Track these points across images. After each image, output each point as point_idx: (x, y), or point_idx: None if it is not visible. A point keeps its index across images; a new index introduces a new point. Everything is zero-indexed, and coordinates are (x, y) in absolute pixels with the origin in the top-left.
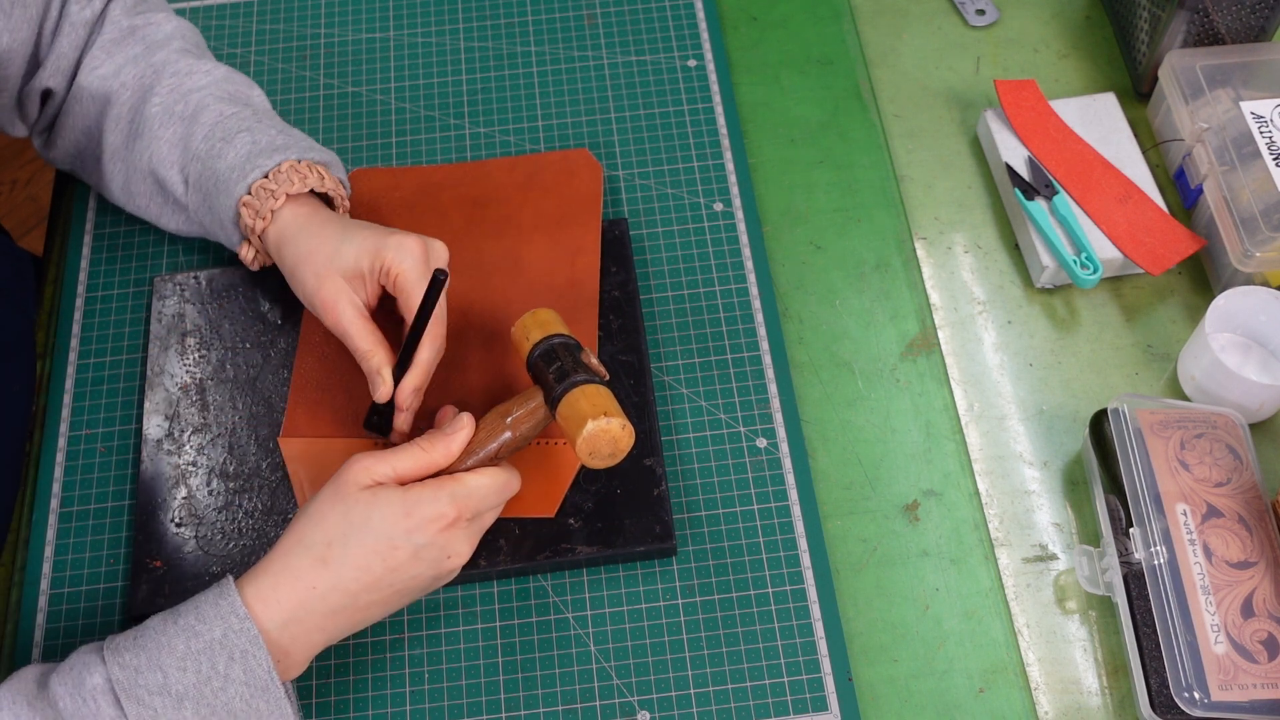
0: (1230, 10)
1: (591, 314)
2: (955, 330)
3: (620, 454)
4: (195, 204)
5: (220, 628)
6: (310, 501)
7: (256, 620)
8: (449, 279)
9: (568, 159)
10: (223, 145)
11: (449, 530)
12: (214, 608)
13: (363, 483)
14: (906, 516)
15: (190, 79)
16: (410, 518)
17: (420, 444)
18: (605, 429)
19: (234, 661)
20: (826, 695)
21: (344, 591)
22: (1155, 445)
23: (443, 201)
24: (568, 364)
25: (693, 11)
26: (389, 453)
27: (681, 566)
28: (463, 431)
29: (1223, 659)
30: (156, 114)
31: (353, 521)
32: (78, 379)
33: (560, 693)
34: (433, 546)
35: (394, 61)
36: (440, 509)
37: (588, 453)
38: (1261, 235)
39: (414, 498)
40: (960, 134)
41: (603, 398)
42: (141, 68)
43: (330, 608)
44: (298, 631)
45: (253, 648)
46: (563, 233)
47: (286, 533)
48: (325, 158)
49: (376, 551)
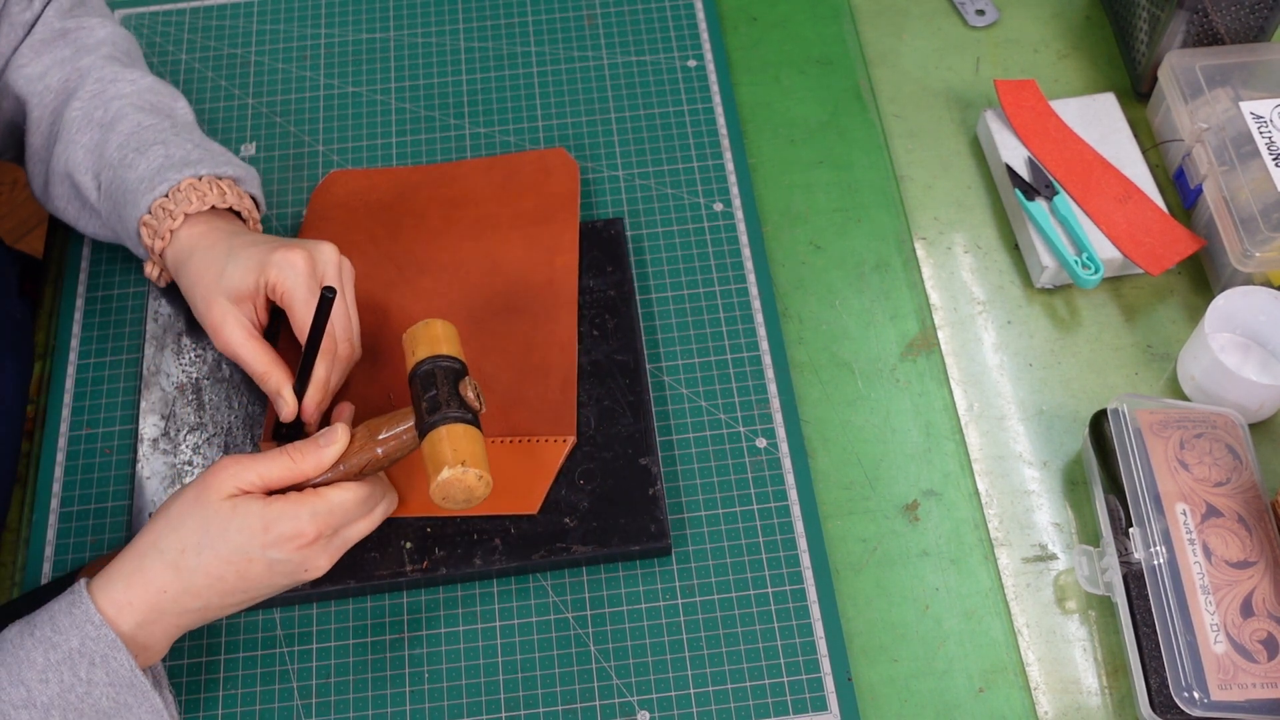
0: (1230, 10)
1: (570, 312)
2: (955, 330)
3: (475, 501)
4: (107, 212)
5: (77, 637)
6: (171, 503)
7: (112, 624)
8: (432, 279)
9: (544, 158)
10: (135, 156)
11: (307, 548)
12: (69, 617)
13: (227, 491)
14: (906, 516)
15: (113, 86)
16: (268, 533)
17: (291, 454)
18: (460, 479)
19: (95, 666)
20: (826, 695)
21: (196, 595)
22: (1155, 445)
23: (420, 202)
24: (442, 394)
25: (693, 11)
26: (259, 459)
27: (681, 566)
28: (334, 446)
29: (1222, 659)
30: (75, 118)
31: (210, 531)
32: (78, 379)
33: (560, 693)
34: (289, 562)
35: (394, 61)
36: (299, 526)
37: (440, 496)
38: (1261, 235)
39: (274, 513)
40: (960, 134)
41: (466, 441)
42: (67, 70)
43: (183, 609)
44: (154, 630)
45: (112, 651)
46: (540, 231)
47: (142, 533)
48: (239, 173)
49: (230, 563)
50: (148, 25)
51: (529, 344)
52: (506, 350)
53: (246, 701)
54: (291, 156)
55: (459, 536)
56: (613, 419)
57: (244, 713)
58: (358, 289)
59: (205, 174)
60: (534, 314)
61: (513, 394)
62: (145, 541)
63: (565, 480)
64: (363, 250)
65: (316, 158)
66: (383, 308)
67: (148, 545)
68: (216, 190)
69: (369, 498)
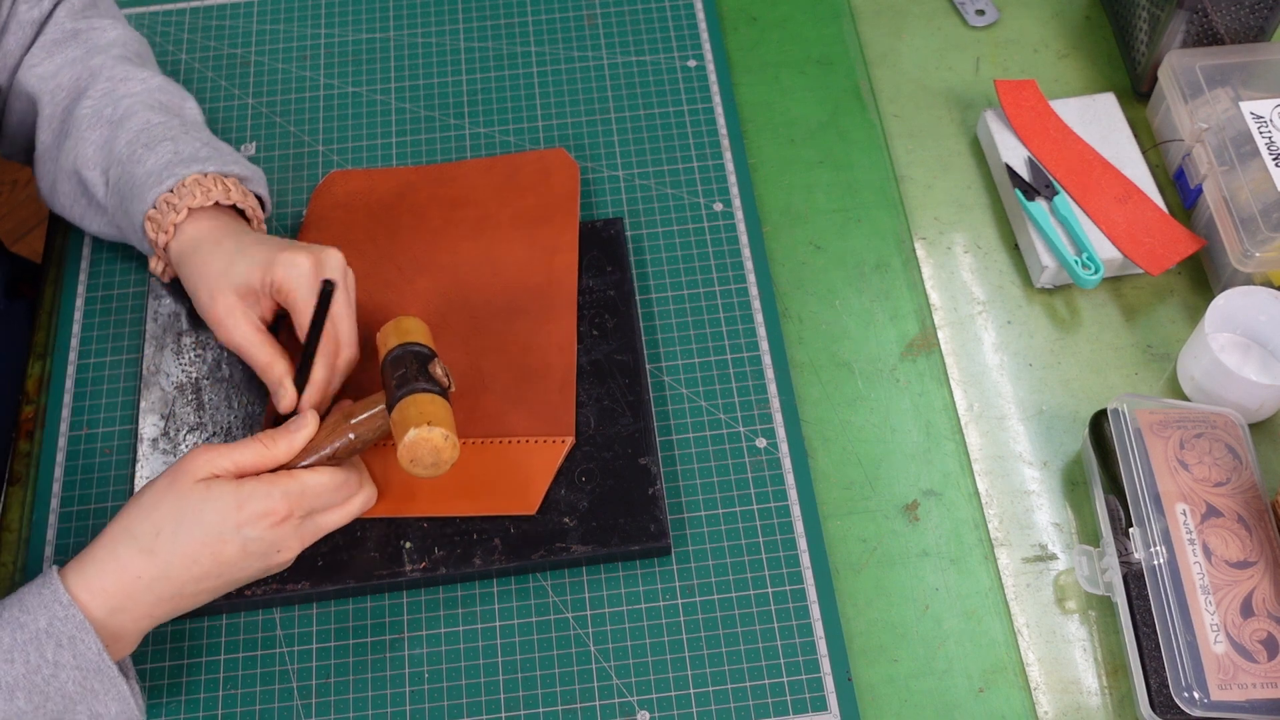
0: (1229, 10)
1: (569, 313)
2: (955, 330)
3: (443, 465)
4: (114, 207)
5: (45, 617)
6: (144, 490)
7: (83, 608)
8: (431, 279)
9: (544, 158)
10: (144, 151)
11: (279, 526)
12: (37, 597)
13: (200, 474)
14: (906, 516)
15: (124, 85)
16: (241, 510)
17: (262, 439)
18: (426, 437)
19: (62, 648)
20: (826, 695)
21: (170, 581)
22: (1155, 445)
23: (419, 202)
24: (411, 371)
25: (693, 12)
26: (231, 446)
27: (681, 566)
28: (305, 430)
29: (1222, 659)
30: (86, 115)
31: (184, 513)
32: (78, 379)
33: (560, 693)
34: (262, 541)
35: (394, 61)
36: (272, 504)
37: (409, 459)
38: (1261, 235)
39: (247, 491)
40: (960, 134)
41: (433, 407)
42: (78, 70)
43: (157, 596)
44: (125, 618)
45: (80, 633)
46: (540, 232)
47: (117, 518)
48: (246, 172)
49: (205, 544)
50: (148, 25)
51: (528, 344)
52: (505, 350)
53: (246, 701)
54: (291, 156)
55: (458, 536)
56: (612, 419)
57: (244, 713)
58: (358, 289)
59: (212, 170)
60: (533, 314)
61: (511, 394)
62: (118, 527)
63: (565, 480)
64: (362, 250)
65: (316, 158)
66: (382, 307)
67: (120, 531)
68: (221, 187)
69: (344, 484)
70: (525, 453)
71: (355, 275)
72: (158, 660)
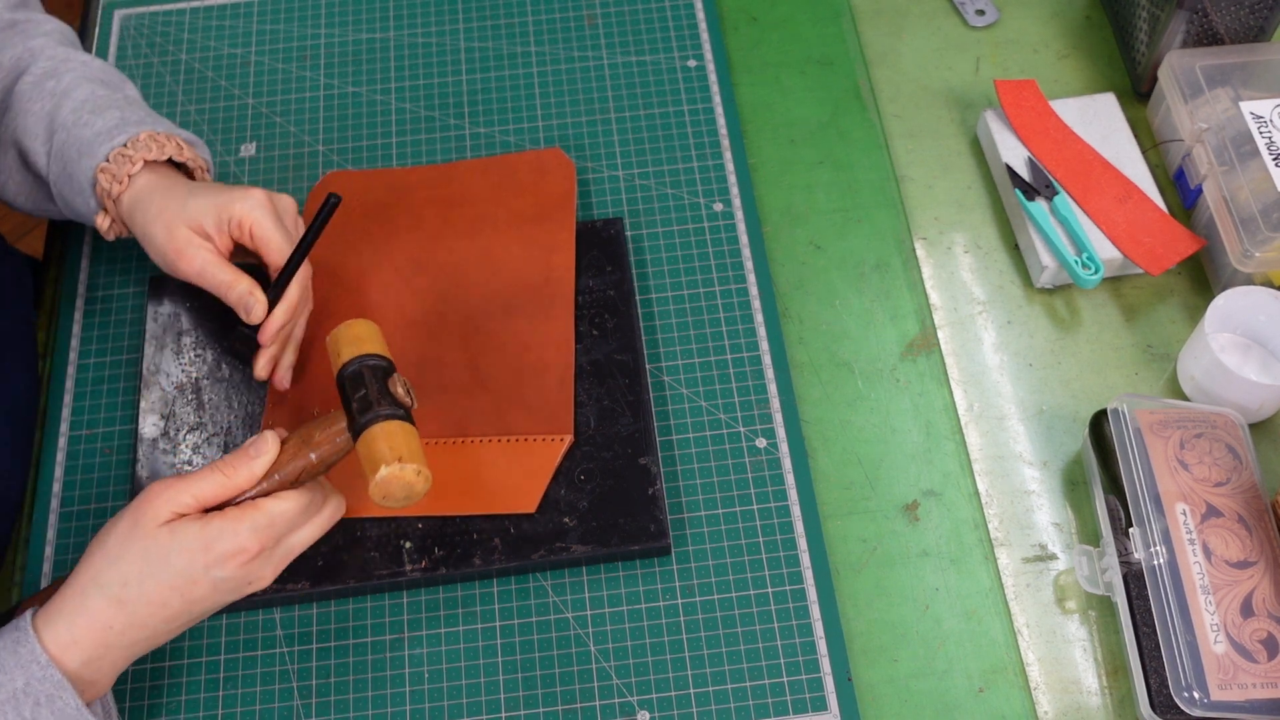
0: (1229, 10)
1: (567, 311)
2: (955, 330)
3: (415, 497)
4: (56, 173)
5: (22, 677)
6: (107, 534)
7: (57, 663)
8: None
9: (540, 158)
10: (91, 116)
11: (250, 563)
12: (14, 657)
13: (162, 517)
14: (906, 516)
15: (65, 64)
16: (209, 552)
17: (222, 468)
18: (399, 475)
19: (40, 706)
20: (826, 695)
21: (142, 627)
22: (1155, 445)
23: (416, 203)
24: (372, 393)
25: (693, 12)
26: (190, 479)
27: (681, 566)
28: (265, 456)
29: (1222, 659)
30: (26, 90)
31: (151, 560)
32: (78, 379)
33: (560, 693)
34: (232, 579)
35: (394, 61)
36: (240, 542)
37: (380, 495)
38: (1261, 235)
39: (213, 532)
40: (960, 134)
41: (402, 437)
42: (19, 50)
43: (130, 641)
44: (100, 665)
45: (58, 691)
46: (537, 230)
47: (82, 566)
48: (190, 138)
49: (175, 588)
50: (148, 25)
51: (526, 343)
52: (503, 349)
53: (246, 701)
54: (291, 156)
55: (458, 536)
56: (612, 419)
57: (244, 713)
58: (355, 288)
59: (162, 130)
60: (530, 313)
61: (509, 393)
62: (85, 577)
63: (565, 480)
64: (360, 250)
65: (316, 158)
66: (380, 307)
67: (88, 581)
68: (174, 144)
69: (310, 505)
70: (524, 451)
71: (352, 275)
72: (158, 660)
